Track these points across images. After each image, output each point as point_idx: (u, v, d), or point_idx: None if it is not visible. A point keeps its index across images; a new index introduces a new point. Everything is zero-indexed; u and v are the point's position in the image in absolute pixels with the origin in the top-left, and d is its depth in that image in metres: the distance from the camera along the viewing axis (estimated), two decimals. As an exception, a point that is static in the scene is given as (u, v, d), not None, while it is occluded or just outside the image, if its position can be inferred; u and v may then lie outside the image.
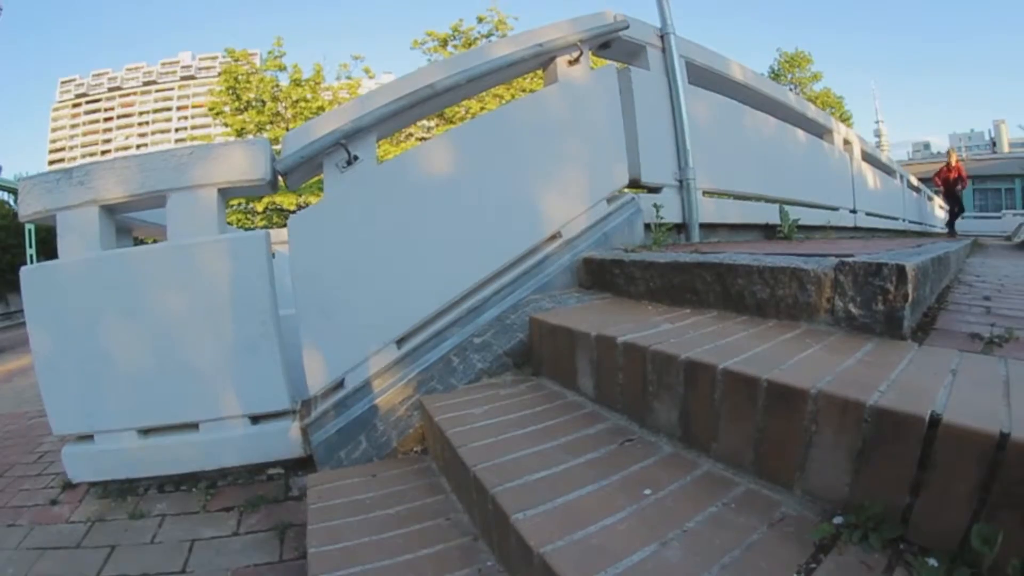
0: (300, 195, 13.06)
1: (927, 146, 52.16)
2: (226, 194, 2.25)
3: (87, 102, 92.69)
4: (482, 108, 13.34)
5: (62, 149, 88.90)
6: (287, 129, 14.02)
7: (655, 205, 2.96)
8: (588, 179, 2.73)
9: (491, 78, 2.62)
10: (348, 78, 16.54)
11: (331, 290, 2.16)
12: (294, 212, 2.57)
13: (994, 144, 39.54)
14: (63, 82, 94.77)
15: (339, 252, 2.18)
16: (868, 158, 7.24)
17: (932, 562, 0.80)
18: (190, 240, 2.15)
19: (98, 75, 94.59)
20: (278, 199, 13.15)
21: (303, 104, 14.82)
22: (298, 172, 2.23)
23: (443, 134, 2.53)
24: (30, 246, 12.76)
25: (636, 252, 2.45)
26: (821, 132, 5.72)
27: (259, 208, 13.61)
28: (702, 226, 3.41)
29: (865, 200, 6.59)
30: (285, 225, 2.25)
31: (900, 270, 1.28)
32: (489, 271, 2.39)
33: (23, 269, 2.17)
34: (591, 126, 2.81)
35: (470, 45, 15.72)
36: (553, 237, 2.60)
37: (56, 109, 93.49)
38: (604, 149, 2.85)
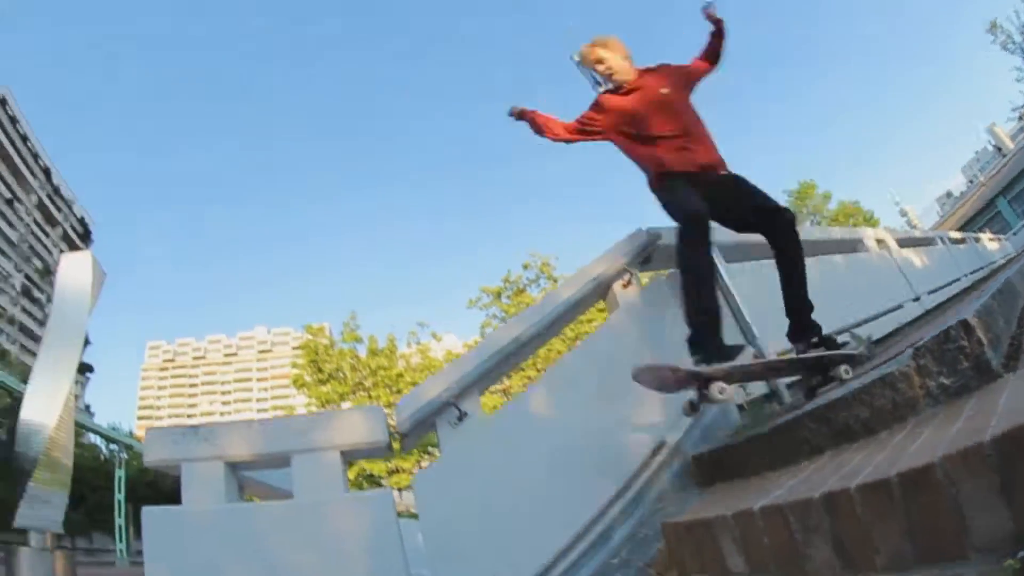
0: (389, 461, 13.35)
1: (949, 194, 48.36)
2: (347, 456, 2.42)
3: (174, 367, 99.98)
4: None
5: (150, 407, 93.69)
6: (369, 397, 14.97)
7: (741, 385, 3.02)
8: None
9: (563, 320, 2.93)
10: (418, 343, 17.82)
11: (462, 543, 2.23)
12: (385, 477, 2.75)
13: (999, 150, 37.43)
14: (151, 346, 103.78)
15: (465, 505, 2.30)
16: (905, 243, 7.06)
17: None
18: (316, 498, 2.27)
19: (183, 344, 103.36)
20: (367, 466, 13.50)
21: (383, 372, 15.83)
22: (414, 433, 2.46)
23: (541, 379, 2.79)
24: (119, 491, 12.89)
25: (738, 434, 2.52)
26: (854, 246, 5.81)
27: (351, 476, 13.90)
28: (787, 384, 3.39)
29: (920, 282, 6.29)
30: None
31: (965, 324, 1.38)
32: (609, 493, 2.45)
33: (146, 509, 2.24)
34: (661, 335, 3.01)
35: (521, 292, 16.80)
36: (659, 447, 2.67)
37: (145, 369, 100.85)
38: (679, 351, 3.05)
